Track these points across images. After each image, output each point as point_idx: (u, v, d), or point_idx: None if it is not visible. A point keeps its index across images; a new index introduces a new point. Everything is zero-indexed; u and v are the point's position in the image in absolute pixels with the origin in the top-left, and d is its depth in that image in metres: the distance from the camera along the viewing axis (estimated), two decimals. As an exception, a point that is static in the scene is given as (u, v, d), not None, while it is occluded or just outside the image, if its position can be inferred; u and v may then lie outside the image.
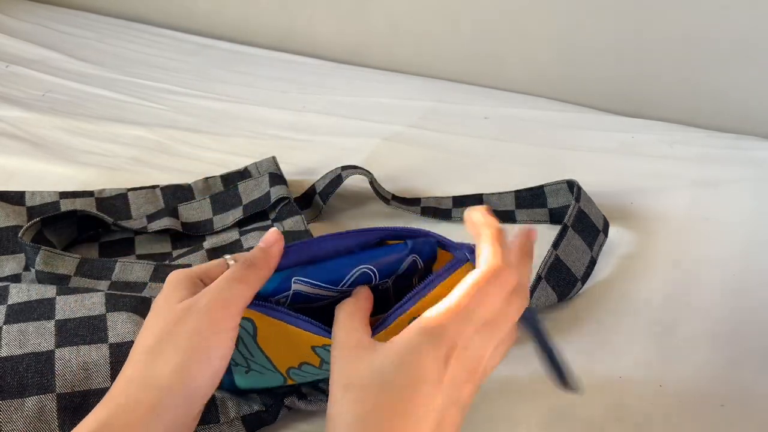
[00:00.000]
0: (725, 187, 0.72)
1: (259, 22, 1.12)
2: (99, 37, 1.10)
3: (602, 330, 0.55)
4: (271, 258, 0.36)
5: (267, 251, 0.36)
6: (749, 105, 0.85)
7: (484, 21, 0.95)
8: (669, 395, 0.49)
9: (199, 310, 0.33)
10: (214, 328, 0.33)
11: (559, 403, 0.48)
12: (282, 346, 0.38)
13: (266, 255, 0.36)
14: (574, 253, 0.57)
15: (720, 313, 0.56)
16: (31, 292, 0.48)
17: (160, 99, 0.91)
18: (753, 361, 0.52)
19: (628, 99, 0.91)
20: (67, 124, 0.82)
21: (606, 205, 0.65)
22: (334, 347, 0.34)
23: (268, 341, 0.38)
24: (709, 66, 0.85)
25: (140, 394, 0.32)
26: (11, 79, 0.94)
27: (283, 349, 0.39)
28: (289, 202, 0.65)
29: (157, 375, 0.32)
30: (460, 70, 1.00)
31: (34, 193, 0.66)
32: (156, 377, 0.32)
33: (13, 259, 0.58)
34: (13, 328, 0.45)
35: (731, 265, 0.61)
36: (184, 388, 0.32)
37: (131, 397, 0.32)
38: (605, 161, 0.77)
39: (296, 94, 0.94)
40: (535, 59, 0.95)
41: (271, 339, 0.38)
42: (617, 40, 0.88)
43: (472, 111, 0.90)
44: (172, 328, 0.33)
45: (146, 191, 0.69)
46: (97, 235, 0.64)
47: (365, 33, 1.05)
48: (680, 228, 0.66)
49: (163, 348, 0.33)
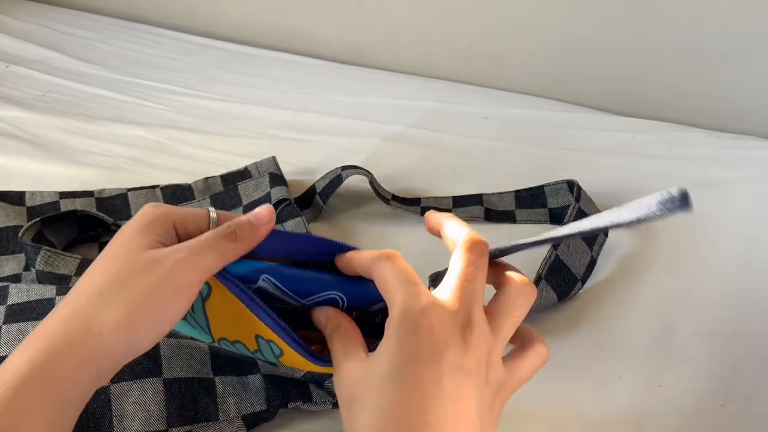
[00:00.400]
0: (725, 187, 0.72)
1: (259, 22, 1.12)
2: (99, 37, 1.10)
3: (602, 330, 0.55)
4: (257, 236, 0.34)
5: (256, 228, 0.34)
6: (749, 105, 0.85)
7: (484, 21, 0.95)
8: (669, 395, 0.49)
9: (163, 269, 0.31)
10: (173, 291, 0.31)
11: (559, 403, 0.49)
12: (227, 321, 0.36)
13: (254, 232, 0.34)
14: (574, 253, 0.57)
15: (720, 313, 0.56)
16: (31, 292, 0.48)
17: (160, 99, 0.91)
18: (753, 361, 0.52)
19: (628, 99, 0.91)
20: (67, 124, 0.82)
21: (606, 205, 0.65)
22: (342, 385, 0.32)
23: (215, 310, 0.36)
24: (709, 66, 0.85)
25: (79, 337, 0.30)
26: (11, 79, 0.94)
27: (226, 323, 0.37)
28: (289, 203, 0.65)
29: (102, 322, 0.30)
30: (460, 70, 1.00)
31: (34, 193, 0.66)
32: (100, 324, 0.30)
33: (13, 259, 0.58)
34: (13, 328, 0.45)
35: (731, 265, 0.61)
36: (126, 343, 0.31)
37: (69, 338, 0.30)
38: (605, 161, 0.77)
39: (296, 94, 0.94)
40: (535, 59, 0.95)
41: (218, 309, 0.36)
42: (617, 41, 0.88)
43: (472, 111, 0.90)
44: (130, 277, 0.31)
45: (146, 191, 0.69)
46: (97, 235, 0.64)
47: (365, 33, 1.05)
48: (680, 228, 0.66)
49: (115, 295, 0.31)
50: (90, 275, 0.32)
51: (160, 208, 0.34)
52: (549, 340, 0.53)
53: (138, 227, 0.33)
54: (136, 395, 0.42)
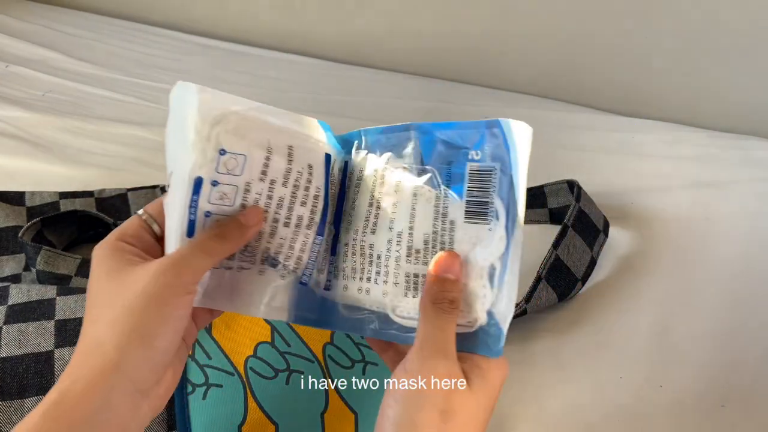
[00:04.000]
0: (725, 187, 0.72)
1: (259, 22, 1.12)
2: (99, 37, 1.10)
3: (602, 330, 0.55)
4: (245, 237, 0.34)
5: (244, 229, 0.34)
6: (749, 105, 0.85)
7: (484, 21, 0.95)
8: (669, 395, 0.49)
9: (153, 272, 0.31)
10: (174, 292, 0.31)
11: (559, 403, 0.48)
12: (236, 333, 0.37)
13: (242, 233, 0.34)
14: (574, 253, 0.57)
15: (720, 313, 0.56)
16: (32, 292, 0.48)
17: (160, 99, 0.91)
18: (753, 361, 0.52)
19: (628, 99, 0.91)
20: (67, 124, 0.82)
21: (606, 205, 0.65)
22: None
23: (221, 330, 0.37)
24: (709, 66, 0.85)
25: (94, 356, 0.29)
26: (11, 79, 0.94)
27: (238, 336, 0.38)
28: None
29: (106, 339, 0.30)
30: (460, 70, 1.00)
31: (34, 193, 0.66)
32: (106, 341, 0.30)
33: (13, 259, 0.58)
34: (13, 329, 0.45)
35: (731, 265, 0.61)
36: (147, 346, 0.30)
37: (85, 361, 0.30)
38: (605, 161, 0.77)
39: (296, 94, 0.94)
40: (535, 59, 0.95)
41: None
42: (617, 40, 0.88)
43: (472, 111, 0.90)
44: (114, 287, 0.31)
45: (146, 191, 0.69)
46: (97, 235, 0.64)
47: (365, 33, 1.05)
48: (680, 228, 0.66)
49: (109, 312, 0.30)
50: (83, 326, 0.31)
51: (101, 244, 0.33)
52: (549, 340, 0.54)
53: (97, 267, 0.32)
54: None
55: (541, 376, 0.51)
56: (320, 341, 0.47)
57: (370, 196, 0.37)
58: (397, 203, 0.36)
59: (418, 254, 0.35)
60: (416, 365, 0.31)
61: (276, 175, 0.35)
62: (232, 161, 0.34)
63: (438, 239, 0.34)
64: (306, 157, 0.36)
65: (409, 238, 0.35)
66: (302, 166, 0.36)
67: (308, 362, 0.46)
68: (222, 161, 0.33)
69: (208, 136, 0.33)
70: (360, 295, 0.37)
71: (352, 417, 0.44)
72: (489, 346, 0.32)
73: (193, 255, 0.32)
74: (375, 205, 0.37)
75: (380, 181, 0.37)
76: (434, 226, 0.35)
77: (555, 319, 0.55)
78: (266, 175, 0.35)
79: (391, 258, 0.36)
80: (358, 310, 0.37)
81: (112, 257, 0.32)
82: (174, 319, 0.31)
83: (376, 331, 0.36)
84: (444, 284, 0.33)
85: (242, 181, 0.34)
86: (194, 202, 0.33)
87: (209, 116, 0.33)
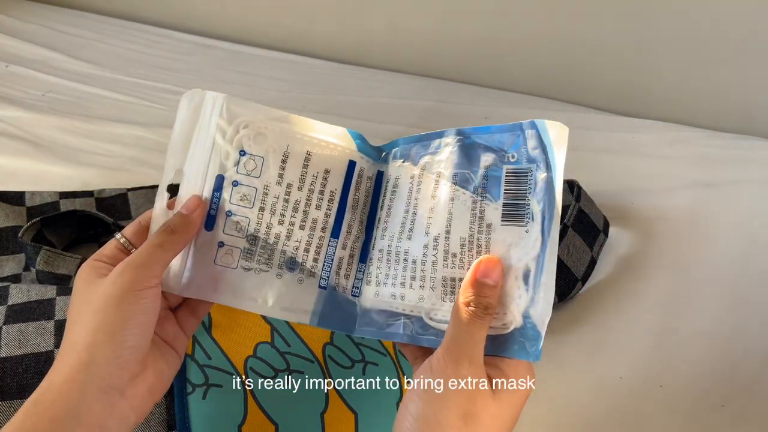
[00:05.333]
0: (725, 187, 0.72)
1: (259, 22, 1.12)
2: (99, 37, 1.10)
3: (602, 330, 0.55)
4: (192, 224, 0.36)
5: (187, 218, 0.36)
6: (749, 105, 0.85)
7: (484, 21, 0.95)
8: (669, 395, 0.49)
9: (113, 276, 0.33)
10: (132, 288, 0.33)
11: (559, 403, 0.48)
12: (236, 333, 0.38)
13: (186, 221, 0.36)
14: (574, 253, 0.57)
15: (720, 313, 0.56)
16: (31, 292, 0.48)
17: (160, 99, 0.91)
18: (753, 361, 0.52)
19: (628, 99, 0.91)
20: (67, 124, 0.82)
21: (606, 205, 0.65)
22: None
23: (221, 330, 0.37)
24: (709, 66, 0.85)
25: (69, 356, 0.32)
26: (11, 79, 0.94)
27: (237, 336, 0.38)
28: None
29: (78, 339, 0.32)
30: (460, 70, 1.00)
31: (34, 193, 0.66)
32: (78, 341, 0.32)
33: (13, 259, 0.58)
34: (13, 329, 0.45)
35: (731, 265, 0.61)
36: (113, 342, 0.32)
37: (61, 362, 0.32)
38: (605, 161, 0.77)
39: (296, 94, 0.94)
40: (536, 59, 0.95)
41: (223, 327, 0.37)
42: (617, 40, 0.88)
43: (472, 111, 0.90)
44: (86, 296, 0.33)
45: (146, 191, 0.69)
46: (97, 235, 0.64)
47: (365, 33, 1.05)
48: (680, 228, 0.66)
49: (80, 317, 0.33)
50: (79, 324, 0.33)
51: (84, 266, 0.35)
52: (549, 340, 0.54)
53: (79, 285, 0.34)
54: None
55: (541, 376, 0.51)
56: (320, 341, 0.47)
57: (406, 202, 0.38)
58: (433, 208, 0.36)
59: (455, 258, 0.35)
60: (441, 366, 0.31)
61: (292, 179, 0.38)
62: (251, 163, 0.37)
63: (474, 242, 0.34)
64: (324, 162, 0.38)
65: (446, 242, 0.35)
66: (318, 171, 0.38)
67: (308, 362, 0.46)
68: (243, 162, 0.37)
69: (232, 140, 0.37)
70: (394, 301, 0.37)
71: (352, 417, 0.44)
72: (526, 349, 0.32)
73: (147, 252, 0.34)
74: (411, 211, 0.37)
75: (417, 187, 0.38)
76: (471, 229, 0.35)
77: (555, 319, 0.55)
78: (283, 179, 0.37)
79: (427, 263, 0.36)
80: (392, 316, 0.37)
81: (89, 273, 0.34)
82: (137, 314, 0.33)
83: (412, 336, 0.36)
84: (482, 289, 0.33)
85: (261, 183, 0.37)
86: (216, 198, 0.37)
87: (234, 122, 0.37)
